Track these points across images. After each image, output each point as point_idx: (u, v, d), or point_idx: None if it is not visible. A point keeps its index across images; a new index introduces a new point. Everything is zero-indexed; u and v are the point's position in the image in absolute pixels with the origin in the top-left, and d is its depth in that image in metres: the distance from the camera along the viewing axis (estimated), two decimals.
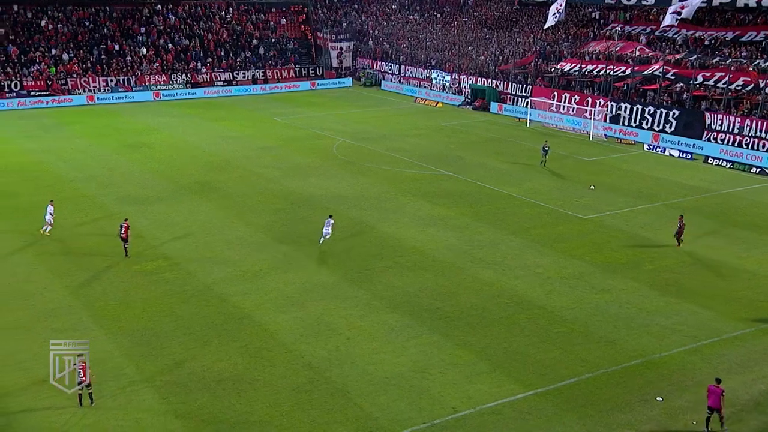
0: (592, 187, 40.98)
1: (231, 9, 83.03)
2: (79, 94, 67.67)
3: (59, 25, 72.45)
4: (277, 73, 78.74)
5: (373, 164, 45.82)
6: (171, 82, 72.55)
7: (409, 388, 20.68)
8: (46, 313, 24.74)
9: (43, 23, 71.84)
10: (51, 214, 32.01)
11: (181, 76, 73.19)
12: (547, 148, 45.95)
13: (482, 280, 28.23)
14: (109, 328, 23.74)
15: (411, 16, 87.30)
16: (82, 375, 19.25)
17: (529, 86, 63.13)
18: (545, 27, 66.46)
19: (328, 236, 31.29)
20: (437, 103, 69.69)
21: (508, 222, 35.07)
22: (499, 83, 66.34)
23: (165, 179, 41.70)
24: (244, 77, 76.63)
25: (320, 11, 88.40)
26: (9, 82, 65.30)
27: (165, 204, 37.02)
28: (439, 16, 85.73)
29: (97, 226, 33.49)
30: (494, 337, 23.70)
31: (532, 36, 71.14)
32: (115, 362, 21.66)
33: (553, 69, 63.36)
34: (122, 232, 29.71)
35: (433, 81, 73.28)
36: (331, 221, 31.57)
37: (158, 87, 71.53)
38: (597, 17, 69.71)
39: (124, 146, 49.96)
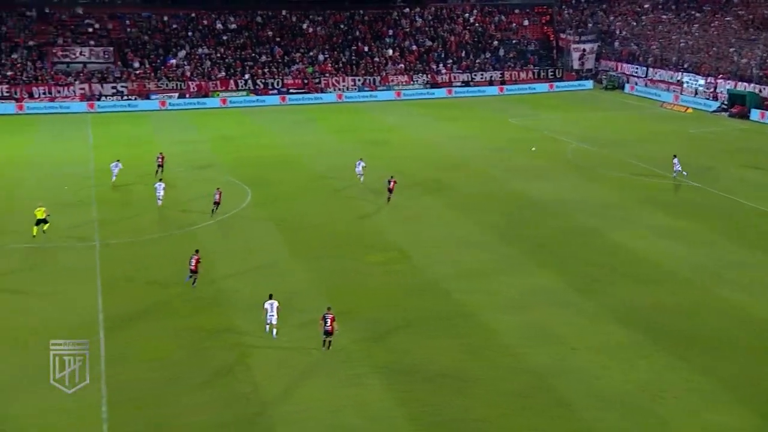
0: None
1: (475, 11, 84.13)
2: (330, 92, 73.02)
3: (318, 28, 78.77)
4: (515, 74, 78.33)
5: (609, 171, 43.76)
6: (412, 82, 75.42)
7: (638, 409, 19.43)
8: (291, 294, 26.82)
9: (304, 26, 78.61)
10: (363, 166, 40.68)
11: (422, 76, 75.78)
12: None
13: (728, 301, 25.67)
14: (343, 314, 25.17)
15: (664, 16, 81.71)
16: (329, 325, 21.99)
17: None
18: None
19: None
20: (687, 108, 64.64)
21: (764, 242, 31.44)
22: (763, 88, 59.61)
23: (400, 175, 43.37)
24: (481, 78, 77.25)
25: (565, 12, 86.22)
26: (273, 81, 72.40)
27: (399, 199, 38.54)
28: (697, 15, 79.25)
29: (338, 218, 35.87)
30: (740, 366, 21.42)
31: None
32: (345, 346, 23.02)
33: None
34: (390, 185, 36.87)
35: (684, 85, 68.07)
36: None
37: (400, 87, 74.76)
38: None
39: (366, 142, 52.89)
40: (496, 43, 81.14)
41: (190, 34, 75.14)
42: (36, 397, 19.97)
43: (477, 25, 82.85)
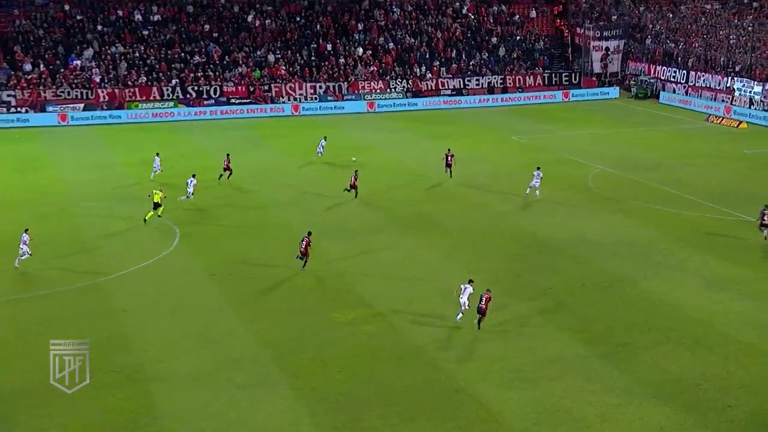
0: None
1: (468, 0, 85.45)
2: (284, 102, 73.48)
3: (267, 21, 79.42)
4: (519, 79, 79.64)
5: (641, 202, 44.39)
6: (389, 90, 76.31)
7: None
8: (230, 363, 26.71)
9: (249, 18, 79.23)
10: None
11: (401, 82, 76.68)
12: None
13: None
14: (300, 389, 25.07)
15: (708, 6, 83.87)
16: (482, 303, 28.02)
17: None
18: None
19: None
20: (740, 122, 66.32)
21: None
22: None
23: (374, 208, 43.60)
24: (477, 85, 78.41)
25: (582, 1, 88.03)
26: (208, 87, 72.64)
27: (372, 239, 38.63)
28: (754, 4, 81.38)
29: (292, 264, 35.74)
30: None
31: None
32: (305, 431, 22.79)
33: None
34: (448, 159, 42.58)
35: (736, 93, 69.83)
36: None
37: (373, 96, 75.54)
38: None
39: (329, 166, 53.13)
40: (495, 40, 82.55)
41: (99, 27, 75.46)
42: None
43: (471, 17, 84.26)
